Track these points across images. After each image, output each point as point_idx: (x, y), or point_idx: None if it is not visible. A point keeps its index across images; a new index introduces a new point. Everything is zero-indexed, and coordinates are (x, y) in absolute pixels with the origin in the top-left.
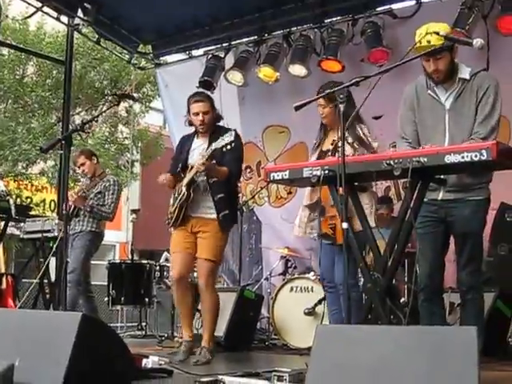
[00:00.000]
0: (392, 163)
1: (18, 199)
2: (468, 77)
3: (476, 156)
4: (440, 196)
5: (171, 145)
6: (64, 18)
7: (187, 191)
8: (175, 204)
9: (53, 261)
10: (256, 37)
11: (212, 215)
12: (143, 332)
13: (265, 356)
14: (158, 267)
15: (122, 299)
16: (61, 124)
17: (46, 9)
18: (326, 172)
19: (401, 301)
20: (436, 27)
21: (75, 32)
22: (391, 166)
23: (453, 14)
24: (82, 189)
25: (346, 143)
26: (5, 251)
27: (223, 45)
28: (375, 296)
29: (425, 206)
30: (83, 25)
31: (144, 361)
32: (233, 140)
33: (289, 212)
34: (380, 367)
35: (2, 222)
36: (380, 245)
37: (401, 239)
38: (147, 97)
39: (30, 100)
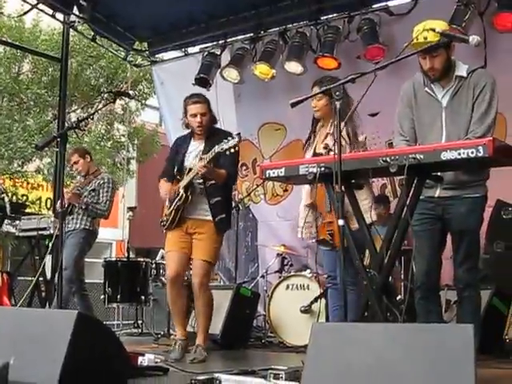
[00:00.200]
0: (388, 160)
1: (14, 197)
2: (465, 74)
3: (472, 153)
4: (437, 193)
5: (167, 142)
6: (59, 16)
7: (185, 193)
8: (172, 206)
9: (49, 259)
10: (252, 34)
11: (208, 217)
12: (139, 330)
13: (261, 354)
14: (154, 265)
15: (118, 297)
16: (56, 121)
17: (42, 6)
18: (322, 169)
19: (397, 298)
20: (434, 24)
21: (71, 29)
22: (387, 163)
23: (449, 11)
24: (76, 186)
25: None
26: (0, 249)
27: (219, 42)
28: (371, 293)
29: (422, 204)
30: (79, 22)
31: (140, 359)
32: (236, 144)
33: (285, 209)
34: (376, 365)
35: None
36: (376, 242)
37: (397, 236)
38: (143, 94)
39: (26, 97)
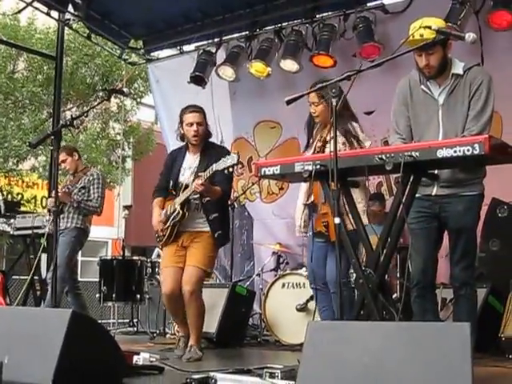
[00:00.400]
0: (384, 158)
1: (9, 196)
2: (461, 72)
3: (468, 150)
4: (434, 191)
5: (163, 140)
6: (54, 14)
7: (182, 210)
8: (168, 222)
9: (44, 257)
10: (247, 32)
11: (205, 228)
12: (135, 329)
13: (257, 352)
14: (150, 263)
15: (114, 296)
16: (51, 120)
17: (37, 4)
18: (318, 167)
19: (393, 296)
20: (430, 22)
21: (66, 27)
22: (383, 161)
23: (444, 9)
24: (66, 185)
25: (338, 143)
26: None
27: (214, 40)
28: (367, 292)
29: (418, 202)
30: (74, 20)
31: (135, 357)
32: (235, 164)
33: (280, 208)
34: (372, 363)
35: None
36: (372, 241)
37: (393, 234)
38: (138, 92)
39: (21, 96)
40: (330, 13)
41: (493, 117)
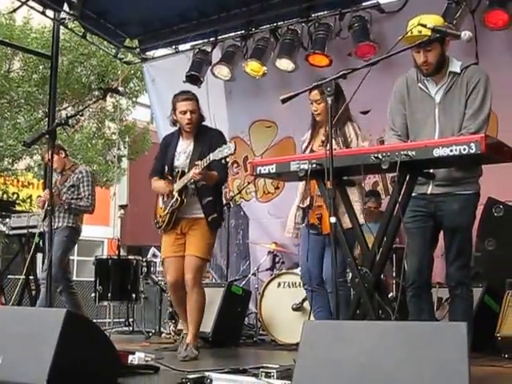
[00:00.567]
0: (380, 157)
1: (5, 195)
2: (458, 70)
3: (465, 149)
4: (429, 190)
5: (158, 140)
6: (50, 13)
7: (180, 197)
8: (167, 209)
9: (39, 257)
10: (243, 31)
11: (201, 215)
12: (130, 328)
13: (252, 352)
14: (145, 263)
15: (109, 295)
16: (47, 119)
17: (32, 3)
18: (314, 166)
19: (389, 296)
20: (428, 19)
21: (61, 27)
22: (379, 160)
23: (440, 9)
24: (55, 184)
25: (335, 143)
26: None
27: (210, 39)
28: (363, 291)
29: (414, 201)
30: (69, 19)
31: (130, 357)
32: (232, 154)
33: (276, 207)
34: (369, 363)
35: None
36: (368, 240)
37: (389, 234)
38: (134, 92)
39: (16, 95)
40: (326, 12)
41: (490, 115)
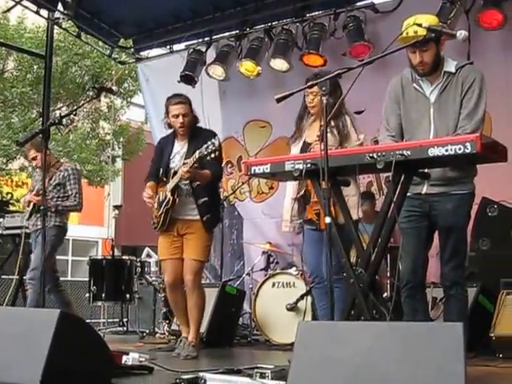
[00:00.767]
0: (375, 156)
1: None
2: (453, 70)
3: (460, 149)
4: (424, 190)
5: (153, 140)
6: (44, 12)
7: (172, 196)
8: (161, 209)
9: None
10: (237, 31)
11: (196, 216)
12: (124, 328)
13: (247, 352)
14: (139, 263)
15: (103, 295)
16: (41, 119)
17: (26, 2)
18: (309, 166)
19: (383, 295)
20: (423, 19)
21: (56, 26)
22: (374, 160)
23: (435, 8)
24: (42, 187)
25: (331, 134)
26: None
27: (204, 39)
28: (358, 291)
29: (409, 201)
30: (63, 19)
31: (124, 358)
32: (216, 149)
33: (270, 207)
34: (363, 364)
35: None
36: (364, 240)
37: (384, 234)
38: (128, 92)
39: (10, 95)
40: (320, 12)
41: (485, 115)
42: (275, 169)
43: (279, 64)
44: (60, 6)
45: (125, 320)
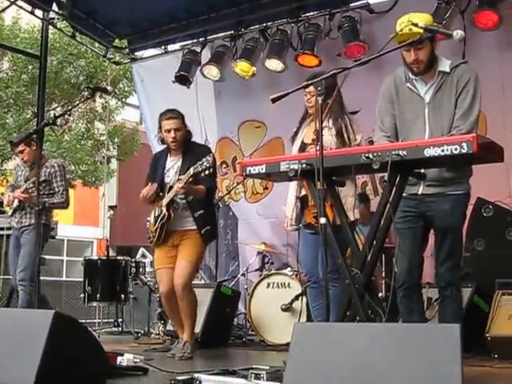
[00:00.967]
0: (371, 157)
1: None
2: (448, 69)
3: (456, 149)
4: (420, 190)
5: (148, 141)
6: (39, 12)
7: (167, 212)
8: (156, 224)
9: None
10: (232, 31)
11: (192, 227)
12: (119, 328)
13: (242, 352)
14: (134, 263)
15: (98, 296)
16: (36, 119)
17: (21, 2)
18: (304, 166)
19: (379, 295)
20: (418, 17)
21: (50, 27)
22: (370, 160)
23: (430, 9)
24: (28, 185)
25: (330, 135)
26: None
27: (199, 39)
28: (354, 292)
29: (404, 201)
30: (58, 19)
31: (119, 359)
32: (210, 166)
33: (265, 207)
34: (359, 365)
35: None
36: (359, 241)
37: (380, 234)
38: (123, 93)
39: (5, 95)
40: (316, 12)
41: (480, 115)
42: (270, 169)
43: (274, 64)
44: (55, 6)
45: (120, 320)
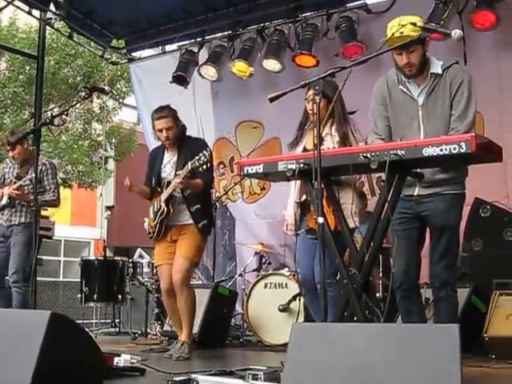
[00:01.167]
0: (369, 156)
1: None
2: (440, 71)
3: (455, 149)
4: (416, 192)
5: (145, 141)
6: (36, 13)
7: (166, 207)
8: (156, 219)
9: None
10: (230, 31)
11: (190, 221)
12: (117, 329)
13: (239, 353)
14: (132, 264)
15: (95, 296)
16: (33, 120)
17: (18, 2)
18: (301, 166)
19: (376, 296)
20: (408, 20)
21: (48, 27)
22: (368, 160)
23: (428, 9)
24: (21, 183)
25: (332, 142)
26: None
27: (197, 39)
28: (351, 292)
29: (400, 203)
30: (55, 19)
31: (116, 359)
32: (207, 160)
33: (262, 208)
34: (358, 365)
35: None
36: (356, 241)
37: (378, 234)
38: (121, 93)
39: (3, 96)
40: (313, 12)
41: (476, 116)
42: (268, 169)
43: (272, 64)
44: (52, 7)
45: (117, 321)
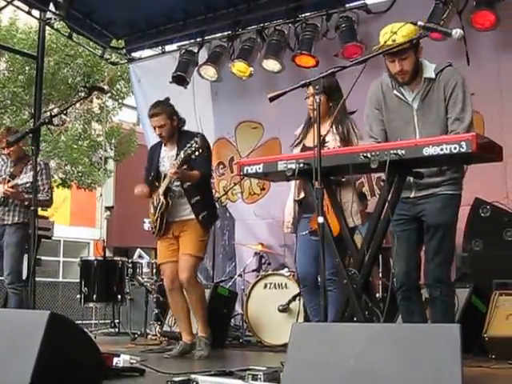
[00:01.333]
0: (369, 156)
1: None
2: (433, 75)
3: (455, 148)
4: (412, 194)
5: (145, 141)
6: (35, 13)
7: (165, 200)
8: (156, 213)
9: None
10: (230, 32)
11: (191, 215)
12: (116, 329)
13: (239, 353)
14: (131, 264)
15: (95, 296)
16: (33, 120)
17: (18, 3)
18: (301, 165)
19: (376, 296)
20: (399, 27)
21: (48, 27)
22: (368, 159)
23: (427, 9)
24: (15, 182)
25: (334, 139)
26: None
27: (197, 40)
28: (352, 292)
29: (398, 204)
30: (55, 19)
31: (115, 360)
32: (199, 146)
33: (262, 208)
34: (358, 365)
35: None
36: (357, 241)
37: (377, 235)
38: (121, 93)
39: (2, 96)
40: (313, 13)
41: (473, 117)
42: (268, 169)
43: (271, 65)
44: (52, 7)
45: (116, 321)
